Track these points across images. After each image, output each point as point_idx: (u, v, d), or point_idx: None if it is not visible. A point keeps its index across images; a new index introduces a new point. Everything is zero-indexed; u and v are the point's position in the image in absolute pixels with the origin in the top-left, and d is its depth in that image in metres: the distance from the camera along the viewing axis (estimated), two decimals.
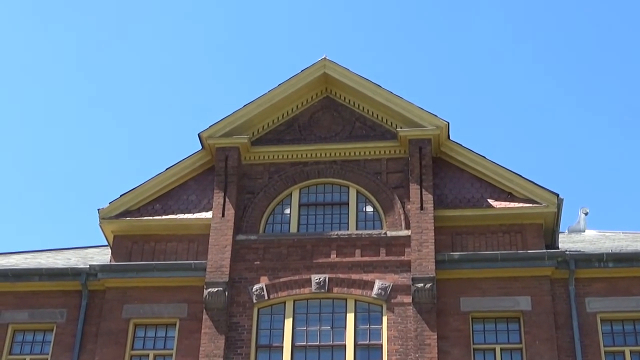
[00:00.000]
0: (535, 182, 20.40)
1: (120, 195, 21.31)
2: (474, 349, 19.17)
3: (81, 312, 20.36)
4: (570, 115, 55.71)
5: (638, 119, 54.41)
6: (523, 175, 20.52)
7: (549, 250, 19.72)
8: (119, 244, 21.15)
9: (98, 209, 21.17)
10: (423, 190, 20.35)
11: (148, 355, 19.88)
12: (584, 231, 26.00)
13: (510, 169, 20.63)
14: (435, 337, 18.82)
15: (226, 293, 19.58)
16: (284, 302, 19.74)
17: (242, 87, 56.59)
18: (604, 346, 19.08)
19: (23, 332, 20.67)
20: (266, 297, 19.70)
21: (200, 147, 21.64)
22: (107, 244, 22.11)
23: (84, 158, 56.66)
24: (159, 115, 57.95)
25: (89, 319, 20.35)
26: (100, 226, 21.34)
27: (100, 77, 56.16)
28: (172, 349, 19.83)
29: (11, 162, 55.99)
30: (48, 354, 20.22)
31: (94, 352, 19.84)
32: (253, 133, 21.70)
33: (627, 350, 19.05)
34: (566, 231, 25.85)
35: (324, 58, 21.88)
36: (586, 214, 26.58)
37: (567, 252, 19.70)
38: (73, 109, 56.56)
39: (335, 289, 19.64)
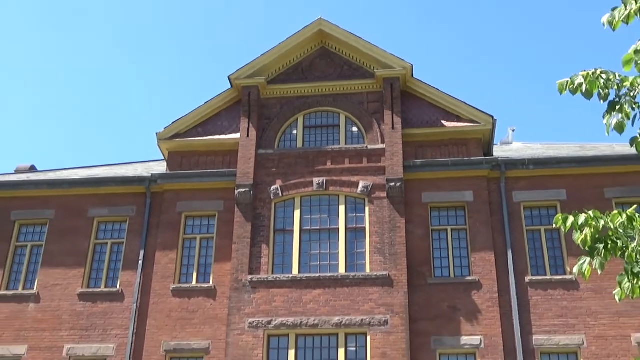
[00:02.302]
0: (476, 107, 20.47)
1: (172, 123, 21.38)
2: (431, 230, 19.50)
3: (146, 208, 20.60)
4: (503, 52, 55.66)
5: (552, 51, 54.25)
6: (467, 102, 20.57)
7: (486, 157, 19.89)
8: (173, 158, 21.30)
9: (156, 133, 21.29)
10: (394, 115, 20.42)
11: (196, 238, 20.15)
12: (512, 143, 26.13)
13: (457, 98, 20.66)
14: (404, 221, 19.11)
15: (251, 192, 19.80)
16: (294, 198, 19.94)
17: (261, 41, 56.49)
18: (526, 226, 19.42)
19: (105, 223, 20.93)
20: (280, 195, 19.91)
21: (230, 86, 21.64)
22: (163, 158, 22.26)
23: (148, 94, 56.75)
24: (199, 62, 57.88)
25: (152, 213, 20.61)
26: (158, 145, 21.47)
27: (163, 31, 55.90)
28: (213, 233, 20.13)
29: (98, 97, 55.96)
30: (124, 239, 20.56)
31: (157, 236, 20.16)
32: (268, 75, 21.68)
33: (542, 229, 19.37)
34: (499, 143, 25.96)
35: (320, 18, 21.77)
36: (513, 130, 26.69)
37: (499, 159, 19.90)
38: (129, 57, 56.38)
39: (331, 188, 19.85)
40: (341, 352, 17.69)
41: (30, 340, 19.30)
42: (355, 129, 20.84)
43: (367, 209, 19.47)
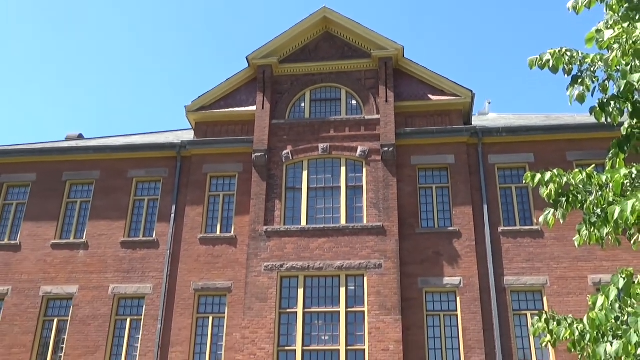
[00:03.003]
0: (458, 83, 20.28)
1: (198, 97, 21.24)
2: (419, 187, 19.42)
3: (177, 170, 20.53)
4: (483, 34, 55.14)
5: (524, 34, 53.69)
6: (450, 79, 20.38)
7: (465, 126, 19.75)
8: (199, 127, 21.20)
9: (185, 106, 21.16)
10: (387, 89, 20.25)
11: (219, 195, 20.14)
12: (488, 114, 25.90)
13: (442, 75, 20.47)
14: (395, 180, 19.09)
15: (266, 156, 19.74)
16: (302, 161, 19.87)
17: (273, 26, 56.01)
18: (499, 184, 19.33)
19: (142, 183, 20.91)
20: (291, 158, 19.84)
21: (247, 66, 21.46)
22: (191, 127, 22.12)
23: (178, 74, 56.45)
24: (222, 46, 57.48)
25: (182, 174, 20.56)
26: (187, 116, 21.34)
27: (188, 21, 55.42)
28: (234, 191, 20.10)
29: (136, 76, 55.68)
30: (158, 196, 20.53)
31: (186, 194, 20.17)
32: (280, 56, 21.46)
33: (513, 186, 19.29)
34: (477, 114, 25.82)
35: (324, 7, 21.50)
36: (489, 103, 26.49)
37: (477, 127, 19.75)
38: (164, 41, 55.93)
39: (333, 152, 19.77)
40: (342, 290, 17.81)
41: (81, 281, 19.46)
42: (354, 101, 20.69)
43: (364, 170, 19.42)
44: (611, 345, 5.42)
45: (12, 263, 20.04)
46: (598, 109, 6.46)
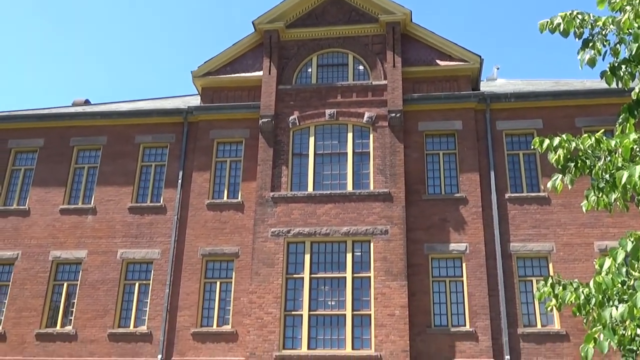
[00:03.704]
0: (466, 48, 20.10)
1: (204, 62, 21.11)
2: (426, 154, 19.39)
3: (184, 135, 20.52)
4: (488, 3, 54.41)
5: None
6: (458, 44, 20.20)
7: (473, 92, 19.62)
8: (206, 93, 21.12)
9: (191, 71, 21.07)
10: (395, 55, 20.09)
11: (226, 161, 20.15)
12: (496, 79, 25.70)
13: (450, 40, 20.25)
14: (402, 146, 19.03)
15: (273, 122, 19.67)
16: (309, 127, 19.80)
17: None
18: (507, 150, 19.28)
19: (149, 148, 20.91)
20: (297, 124, 19.78)
21: (253, 30, 21.28)
22: (198, 93, 22.07)
23: (185, 38, 56.05)
24: (228, 10, 56.99)
25: (189, 140, 20.56)
26: (193, 82, 21.26)
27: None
28: (241, 157, 20.10)
29: (143, 42, 55.30)
30: (165, 162, 20.55)
31: (193, 160, 20.17)
32: (287, 20, 21.25)
33: (521, 153, 19.23)
34: (485, 80, 25.63)
35: None
36: (498, 68, 26.27)
37: (485, 93, 19.60)
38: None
39: (340, 118, 19.69)
40: (349, 256, 17.91)
41: (89, 246, 19.63)
42: (361, 67, 20.52)
43: (371, 136, 19.36)
44: (616, 309, 5.43)
45: (21, 228, 20.21)
46: (609, 73, 6.37)
